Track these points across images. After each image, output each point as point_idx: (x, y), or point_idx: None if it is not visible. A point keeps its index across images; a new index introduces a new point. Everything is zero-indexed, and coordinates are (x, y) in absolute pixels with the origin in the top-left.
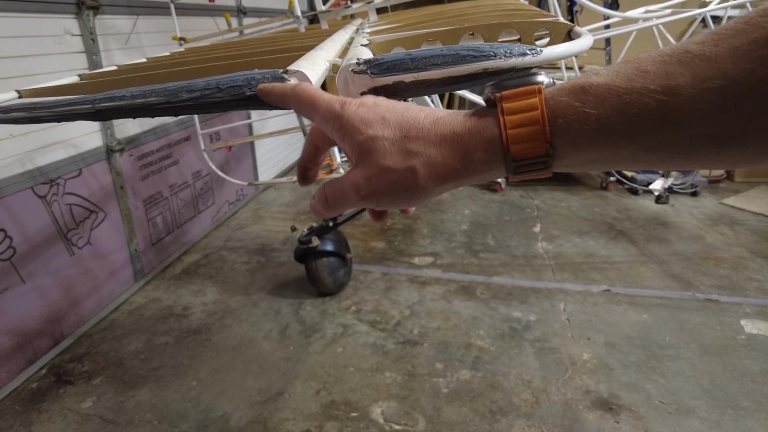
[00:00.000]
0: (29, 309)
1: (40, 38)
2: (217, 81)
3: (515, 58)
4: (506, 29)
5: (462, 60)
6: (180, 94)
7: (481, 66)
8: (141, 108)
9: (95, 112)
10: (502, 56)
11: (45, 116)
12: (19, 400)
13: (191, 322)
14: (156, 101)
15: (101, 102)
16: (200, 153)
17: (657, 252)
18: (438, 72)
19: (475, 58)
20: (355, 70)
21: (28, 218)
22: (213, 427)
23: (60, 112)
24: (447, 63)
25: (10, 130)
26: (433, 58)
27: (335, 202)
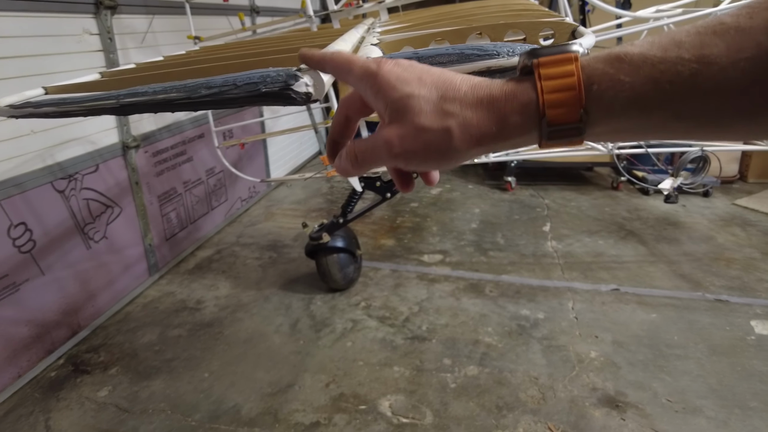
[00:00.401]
0: (48, 300)
1: (60, 37)
2: (234, 78)
3: (518, 56)
4: (512, 29)
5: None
6: (199, 90)
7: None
8: (162, 103)
9: (119, 107)
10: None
11: (73, 110)
12: (38, 387)
13: (204, 315)
14: (177, 97)
15: (125, 97)
16: (214, 150)
17: (667, 252)
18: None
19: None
20: None
21: (48, 212)
22: (224, 417)
23: (87, 107)
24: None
25: (31, 126)
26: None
27: (365, 159)
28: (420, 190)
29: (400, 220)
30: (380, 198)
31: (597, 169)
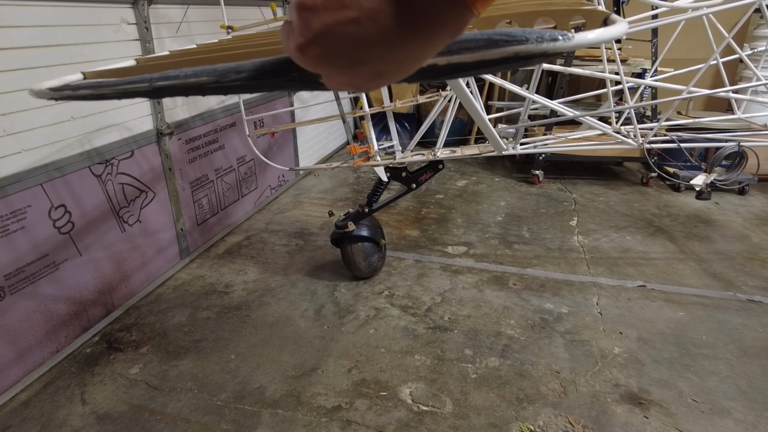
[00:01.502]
0: (85, 280)
1: (99, 27)
2: (262, 63)
3: (546, 42)
4: (541, 17)
5: (494, 44)
6: (229, 74)
7: (513, 50)
8: (193, 87)
9: (152, 90)
10: (534, 41)
11: (108, 93)
12: (75, 362)
13: (232, 298)
14: (207, 81)
15: (157, 81)
16: (245, 139)
17: (697, 250)
18: (471, 56)
19: (507, 42)
20: None
21: (85, 195)
22: (249, 398)
23: (121, 90)
24: (480, 47)
25: (71, 112)
26: (466, 42)
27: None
28: (446, 182)
29: (425, 211)
30: (405, 188)
31: (626, 164)
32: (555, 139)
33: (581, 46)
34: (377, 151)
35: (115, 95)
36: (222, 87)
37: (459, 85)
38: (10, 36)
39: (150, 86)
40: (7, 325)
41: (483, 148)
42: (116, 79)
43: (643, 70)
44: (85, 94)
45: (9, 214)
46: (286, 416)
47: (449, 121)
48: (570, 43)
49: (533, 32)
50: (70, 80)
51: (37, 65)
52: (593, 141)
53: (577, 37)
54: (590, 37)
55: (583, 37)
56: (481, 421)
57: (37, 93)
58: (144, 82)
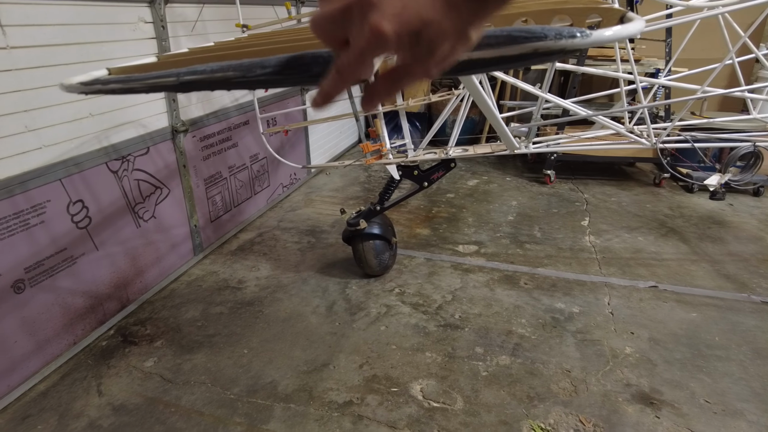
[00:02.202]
0: (101, 274)
1: (117, 25)
2: (287, 58)
3: (565, 39)
4: (558, 15)
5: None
6: (254, 69)
7: (533, 47)
8: (219, 81)
9: (179, 84)
10: (553, 38)
11: (137, 87)
12: (91, 355)
13: (245, 294)
14: (233, 75)
15: (185, 75)
16: (258, 137)
17: (710, 251)
18: (491, 51)
19: (527, 39)
20: None
21: (102, 191)
22: (262, 392)
23: (149, 84)
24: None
25: (90, 109)
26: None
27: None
28: (457, 181)
29: (436, 210)
30: (417, 187)
31: (639, 164)
32: (567, 138)
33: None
34: (389, 149)
35: (143, 89)
36: (248, 81)
37: (473, 83)
38: (32, 34)
39: (177, 80)
40: (27, 317)
41: (495, 146)
42: (145, 73)
43: (657, 70)
44: (114, 87)
45: (30, 208)
46: (298, 410)
47: (461, 119)
48: (588, 40)
49: (552, 29)
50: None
51: (57, 63)
52: (606, 141)
53: (594, 35)
54: (607, 34)
55: (601, 34)
56: (491, 419)
57: (68, 87)
58: (172, 77)
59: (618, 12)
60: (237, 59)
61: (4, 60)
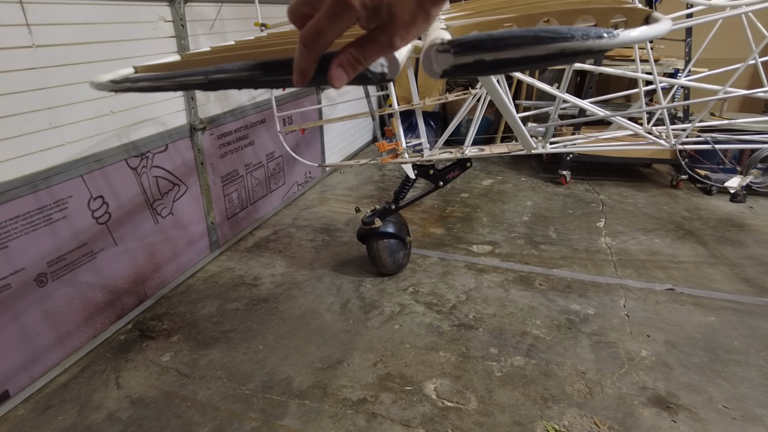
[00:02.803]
0: (120, 269)
1: (138, 24)
2: None
3: (592, 40)
4: (582, 15)
5: (541, 41)
6: (281, 69)
7: (559, 47)
8: (247, 80)
9: (208, 83)
10: (580, 38)
11: (166, 85)
12: (110, 348)
13: (260, 291)
14: (260, 74)
15: (213, 74)
16: (274, 135)
17: (729, 254)
18: (517, 52)
19: (554, 39)
20: (440, 49)
21: (122, 187)
22: (277, 388)
23: (178, 82)
24: (526, 43)
25: (110, 107)
26: (513, 38)
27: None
28: (471, 181)
29: (450, 210)
30: (432, 186)
31: (655, 165)
32: (584, 138)
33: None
34: (405, 148)
35: (172, 87)
36: (275, 81)
37: (491, 82)
38: (57, 33)
39: (206, 79)
40: (49, 309)
41: (512, 146)
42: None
43: (676, 70)
44: (144, 86)
45: (52, 203)
46: (312, 407)
47: (478, 119)
48: (615, 41)
49: (579, 29)
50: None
51: (80, 61)
52: (624, 141)
53: (621, 35)
54: (634, 34)
55: (628, 34)
56: (505, 419)
57: (99, 85)
58: (200, 75)
59: (643, 12)
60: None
61: (30, 59)
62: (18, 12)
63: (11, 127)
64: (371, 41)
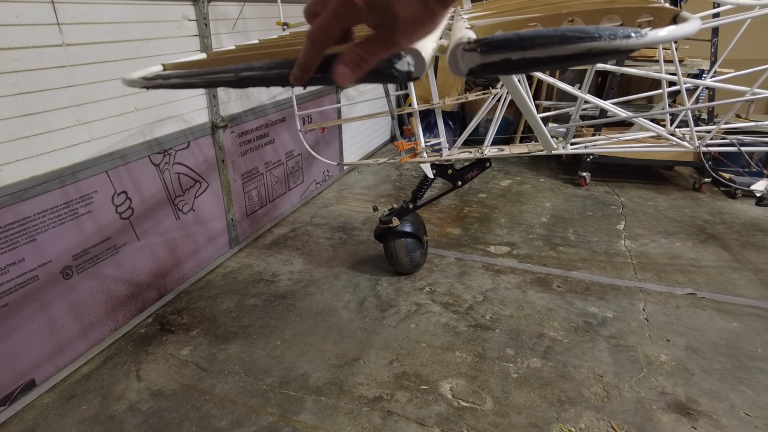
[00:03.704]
0: (141, 263)
1: (163, 23)
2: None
3: (619, 39)
4: (607, 15)
5: (568, 40)
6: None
7: (586, 47)
8: (276, 78)
9: (237, 80)
10: (607, 38)
11: (196, 82)
12: (131, 341)
13: (278, 287)
14: (288, 72)
15: (242, 71)
16: (294, 134)
17: (754, 259)
18: (544, 51)
19: (581, 39)
20: (466, 48)
21: (145, 183)
22: (294, 384)
23: (208, 79)
24: (553, 43)
25: (135, 104)
26: (540, 38)
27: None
28: (489, 181)
29: (468, 210)
30: (451, 186)
31: (677, 168)
32: (606, 139)
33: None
34: (424, 147)
35: (201, 84)
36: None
37: (513, 81)
38: (86, 32)
39: (235, 76)
40: (74, 302)
41: (532, 146)
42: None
43: (700, 71)
44: (175, 82)
45: (78, 198)
46: (328, 403)
47: (498, 119)
48: (643, 41)
49: (606, 29)
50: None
51: (108, 59)
52: (646, 143)
53: (650, 35)
54: (662, 34)
55: (656, 34)
56: (521, 420)
57: (130, 82)
58: (230, 73)
59: (670, 11)
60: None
61: (60, 57)
62: (50, 11)
63: (41, 123)
64: (375, 40)
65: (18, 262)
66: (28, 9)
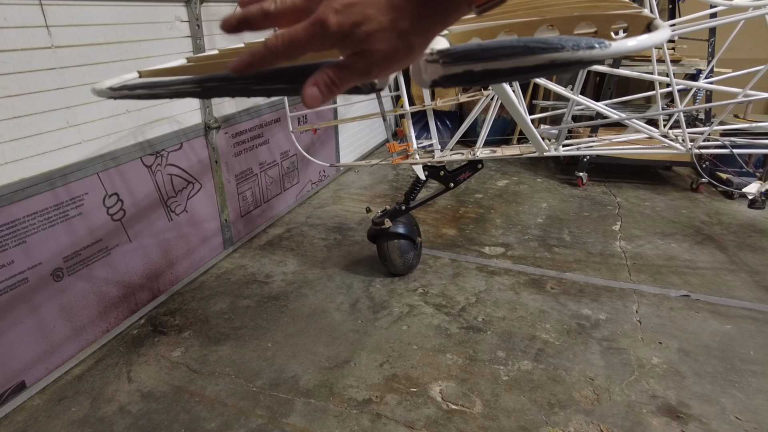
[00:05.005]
0: (134, 265)
1: (155, 24)
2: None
3: (582, 50)
4: (584, 22)
5: (531, 51)
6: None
7: (549, 58)
8: (239, 89)
9: (202, 91)
10: (570, 49)
11: (161, 93)
12: (123, 342)
13: (272, 289)
14: (253, 83)
15: (206, 82)
16: (289, 134)
17: (750, 261)
18: (506, 62)
19: (544, 50)
20: (428, 59)
21: (137, 185)
22: (284, 386)
23: (173, 90)
24: (516, 54)
25: (126, 106)
26: (502, 48)
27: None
28: (486, 181)
29: (463, 211)
30: (443, 187)
31: (676, 168)
32: (599, 141)
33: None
34: (416, 149)
35: (167, 95)
36: (266, 89)
37: (500, 85)
38: (76, 34)
39: (200, 87)
40: (65, 303)
41: (524, 148)
42: (169, 78)
43: (698, 71)
44: (140, 93)
45: (69, 200)
46: (318, 406)
47: (490, 120)
48: (607, 51)
49: (570, 40)
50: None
51: (98, 61)
52: (639, 144)
53: (614, 45)
54: (630, 44)
55: (622, 44)
56: (510, 424)
57: (99, 92)
58: (194, 83)
59: (645, 19)
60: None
61: (49, 59)
62: (38, 14)
63: (31, 125)
64: (349, 66)
65: (7, 265)
66: (16, 11)
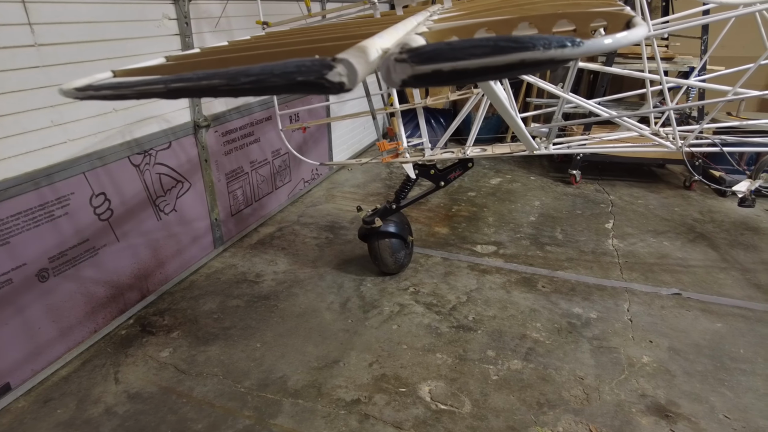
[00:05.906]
0: (122, 265)
1: (143, 22)
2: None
3: (554, 49)
4: (562, 20)
5: (500, 51)
6: (239, 78)
7: (519, 57)
8: (206, 89)
9: (167, 92)
10: (541, 47)
11: (127, 94)
12: (111, 343)
13: (262, 288)
14: (219, 83)
15: (172, 83)
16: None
17: (741, 259)
18: (476, 62)
19: (514, 49)
20: (397, 59)
21: (124, 184)
22: (272, 386)
23: (139, 91)
24: (485, 53)
25: (113, 105)
26: (471, 48)
27: None
28: (479, 179)
29: (456, 209)
30: (434, 186)
31: (669, 166)
32: (590, 139)
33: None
34: (406, 148)
35: (133, 95)
36: (234, 90)
37: (486, 82)
38: (62, 32)
39: (165, 88)
40: (51, 304)
41: (515, 147)
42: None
43: (691, 68)
44: (106, 94)
45: (54, 200)
46: (306, 407)
47: (480, 118)
48: (579, 50)
49: (541, 38)
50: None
51: (85, 59)
52: (630, 143)
53: (587, 43)
54: (606, 42)
55: (596, 42)
56: (499, 424)
57: (65, 92)
58: (159, 84)
59: (624, 17)
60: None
61: (32, 57)
62: (21, 11)
63: (15, 124)
64: None
65: None
66: None
